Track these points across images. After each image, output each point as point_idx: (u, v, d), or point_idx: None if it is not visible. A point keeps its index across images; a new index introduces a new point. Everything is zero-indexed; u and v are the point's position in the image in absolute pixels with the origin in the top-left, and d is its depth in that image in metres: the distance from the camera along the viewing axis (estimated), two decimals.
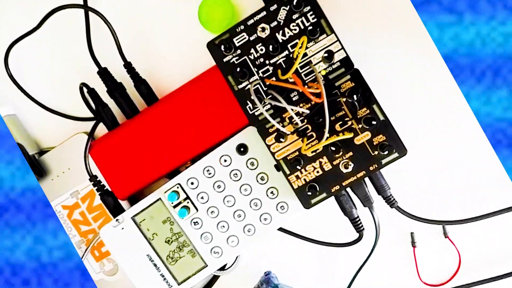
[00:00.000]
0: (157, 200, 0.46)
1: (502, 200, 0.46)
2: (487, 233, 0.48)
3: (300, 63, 0.41)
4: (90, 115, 0.49)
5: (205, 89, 0.45)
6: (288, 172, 0.42)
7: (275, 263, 0.50)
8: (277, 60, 0.41)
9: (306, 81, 0.41)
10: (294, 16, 0.40)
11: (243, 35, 0.41)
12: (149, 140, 0.46)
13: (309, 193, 0.42)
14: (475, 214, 0.45)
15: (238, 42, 0.41)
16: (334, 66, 0.41)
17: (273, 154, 0.42)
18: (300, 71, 0.41)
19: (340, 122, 0.41)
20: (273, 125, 0.42)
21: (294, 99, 0.41)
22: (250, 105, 0.42)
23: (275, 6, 0.40)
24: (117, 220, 0.46)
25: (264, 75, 0.41)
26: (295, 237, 0.49)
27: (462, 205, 0.47)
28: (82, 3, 0.47)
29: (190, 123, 0.45)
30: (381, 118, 0.41)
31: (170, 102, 0.46)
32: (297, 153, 0.42)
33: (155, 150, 0.46)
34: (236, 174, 0.45)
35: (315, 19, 0.40)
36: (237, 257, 0.48)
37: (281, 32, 0.41)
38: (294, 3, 0.39)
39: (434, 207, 0.47)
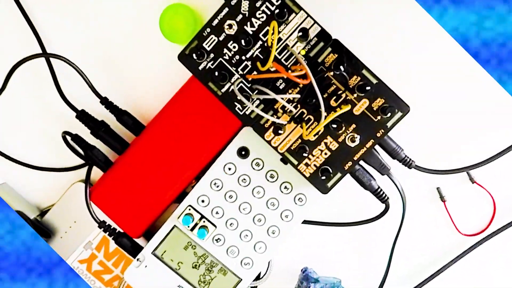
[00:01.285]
0: (173, 228, 0.45)
1: None
2: None
3: (276, 49, 0.40)
4: (81, 161, 0.49)
5: (189, 102, 0.45)
6: (296, 162, 0.42)
7: (309, 257, 0.50)
8: (253, 53, 0.41)
9: (288, 66, 0.41)
10: (258, 4, 0.40)
11: (212, 38, 0.41)
12: (147, 170, 0.45)
13: (323, 178, 0.41)
14: (495, 152, 0.45)
15: (208, 46, 0.41)
16: (312, 43, 0.40)
17: (275, 148, 0.42)
18: (279, 57, 0.41)
19: (334, 97, 0.41)
20: (268, 119, 0.41)
21: (281, 87, 0.41)
22: (238, 106, 0.41)
23: (235, 1, 0.40)
24: (138, 259, 0.45)
25: (245, 72, 0.41)
26: (322, 226, 0.48)
27: (479, 146, 0.47)
28: (40, 51, 0.47)
29: (184, 141, 0.45)
30: (374, 81, 0.40)
31: (158, 125, 0.45)
32: (299, 140, 0.42)
33: (156, 178, 0.45)
34: (244, 179, 0.45)
35: (280, 1, 0.40)
36: (269, 262, 0.48)
37: (249, 23, 0.40)
38: None
39: (453, 156, 0.47)
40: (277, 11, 0.40)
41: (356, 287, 0.50)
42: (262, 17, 0.40)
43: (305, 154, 0.41)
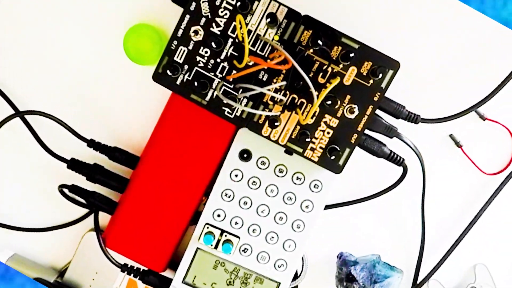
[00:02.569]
0: (196, 251, 0.45)
1: None
2: None
3: (249, 42, 0.40)
4: (85, 210, 0.48)
5: (177, 120, 0.44)
6: (301, 150, 0.42)
7: (341, 241, 0.50)
8: (227, 53, 0.41)
9: (266, 55, 0.40)
10: (217, 2, 0.40)
11: (181, 49, 0.41)
12: (154, 200, 0.45)
13: (333, 157, 0.41)
14: (497, 83, 0.45)
15: (180, 59, 0.41)
16: (283, 26, 0.40)
17: (276, 142, 0.41)
18: (254, 49, 0.40)
19: (321, 74, 0.40)
20: (260, 115, 0.41)
21: (264, 79, 0.41)
22: (227, 110, 0.41)
23: (194, 4, 0.40)
24: None
25: (224, 74, 0.41)
26: (345, 206, 0.48)
27: (480, 82, 0.46)
28: (13, 112, 0.46)
29: (182, 161, 0.45)
30: (356, 46, 0.40)
31: (152, 152, 0.45)
32: (298, 127, 0.41)
33: (165, 206, 0.45)
34: (254, 182, 0.44)
35: (246, 1, 0.40)
36: (302, 258, 0.48)
37: (214, 24, 0.40)
38: None
39: (456, 99, 0.47)
40: (238, 3, 0.39)
41: (396, 257, 0.50)
42: (226, 14, 0.40)
43: (308, 139, 0.41)
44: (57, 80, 0.47)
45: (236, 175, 0.44)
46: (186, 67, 0.41)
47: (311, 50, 0.40)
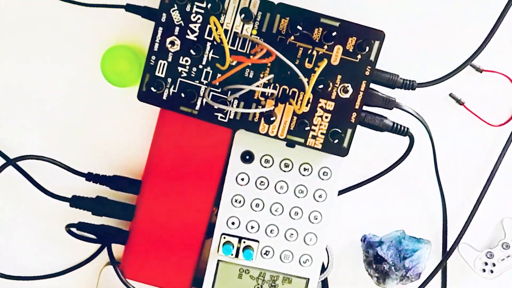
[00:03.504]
0: (218, 263, 0.45)
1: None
2: None
3: (228, 42, 0.40)
4: (98, 245, 0.48)
5: (172, 136, 0.44)
6: (302, 140, 0.41)
7: (362, 224, 0.49)
8: (208, 57, 0.40)
9: (248, 52, 0.40)
10: (187, 8, 0.40)
11: (161, 63, 0.40)
12: (165, 221, 0.45)
13: (336, 141, 0.41)
14: (486, 32, 0.45)
15: (162, 73, 0.40)
16: (258, 18, 0.40)
17: (276, 137, 0.41)
18: (234, 48, 0.40)
19: (307, 59, 0.40)
20: (254, 113, 0.41)
21: (251, 76, 0.40)
22: (219, 115, 0.41)
23: (164, 15, 0.40)
24: None
25: (209, 79, 0.41)
26: (359, 187, 0.48)
27: (470, 34, 0.46)
28: (4, 161, 0.46)
29: (185, 176, 0.44)
30: (336, 24, 0.40)
31: (153, 173, 0.45)
32: (295, 117, 0.41)
33: (177, 224, 0.45)
34: (262, 182, 0.44)
35: (217, 2, 0.39)
36: (326, 249, 0.47)
37: (189, 31, 0.40)
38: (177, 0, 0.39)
39: (449, 56, 0.46)
40: (209, 5, 0.39)
41: (420, 229, 0.50)
42: (198, 18, 0.40)
43: (307, 128, 0.41)
44: (41, 119, 0.47)
45: (242, 179, 0.44)
46: (169, 80, 0.41)
47: (292, 38, 0.40)
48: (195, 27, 0.40)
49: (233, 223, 0.45)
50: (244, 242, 0.45)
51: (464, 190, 0.49)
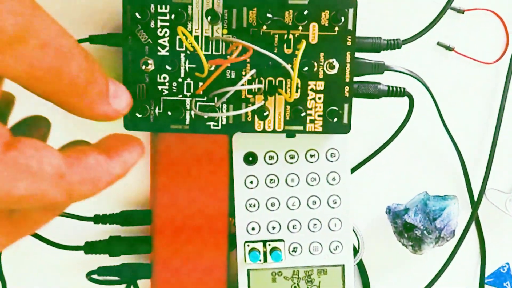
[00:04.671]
0: (248, 273, 0.45)
1: None
2: None
3: (201, 48, 0.40)
4: (123, 286, 0.48)
5: (169, 157, 0.44)
6: (301, 127, 0.41)
7: (383, 196, 0.49)
8: (185, 68, 0.40)
9: (224, 53, 0.40)
10: (152, 25, 0.39)
11: (139, 86, 0.40)
12: (183, 244, 0.45)
13: (335, 119, 0.41)
14: None
15: (143, 96, 0.40)
16: (226, 17, 0.39)
17: (273, 131, 0.41)
18: (210, 53, 0.40)
19: (285, 45, 0.40)
20: (246, 113, 0.41)
21: (233, 76, 0.40)
22: (211, 123, 0.41)
23: (130, 38, 0.39)
24: None
25: (192, 90, 0.40)
26: (370, 160, 0.48)
27: None
28: None
29: (192, 194, 0.44)
30: (305, 2, 0.39)
31: (160, 199, 0.45)
32: (288, 106, 0.41)
33: (196, 245, 0.45)
34: (271, 180, 0.44)
35: (167, 6, 0.39)
36: (353, 231, 0.47)
37: (159, 47, 0.40)
38: (139, 16, 0.39)
39: (427, 6, 0.46)
40: (173, 16, 0.39)
41: (443, 186, 0.50)
42: (166, 32, 0.39)
43: (303, 114, 0.41)
44: None
45: (251, 182, 0.44)
46: (152, 102, 0.40)
47: (265, 27, 0.40)
48: (165, 41, 0.40)
49: (253, 229, 0.44)
50: (269, 244, 0.44)
51: (476, 135, 0.49)
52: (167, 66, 0.39)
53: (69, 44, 0.26)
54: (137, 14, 0.39)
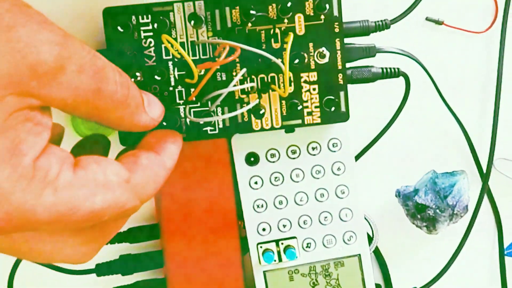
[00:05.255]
0: (265, 275, 0.45)
1: None
2: None
3: (189, 54, 0.39)
4: None
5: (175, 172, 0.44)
6: (299, 121, 0.41)
7: (390, 179, 0.49)
8: (175, 76, 0.40)
9: (212, 56, 0.40)
10: (135, 36, 0.39)
11: None
12: (196, 254, 0.45)
13: (333, 109, 0.40)
14: None
15: None
16: (209, 19, 0.39)
17: (272, 128, 0.41)
18: (197, 58, 0.40)
19: (272, 39, 0.40)
20: (242, 113, 0.40)
21: (224, 78, 0.40)
22: (208, 128, 0.41)
23: (114, 53, 0.39)
24: None
25: (184, 98, 0.40)
26: (373, 144, 0.48)
27: None
28: None
29: (198, 202, 0.44)
30: None
31: (166, 212, 0.44)
32: (283, 101, 0.41)
33: (209, 254, 0.45)
34: (276, 178, 0.44)
35: (149, 16, 0.39)
36: (365, 218, 0.47)
37: (146, 58, 0.39)
38: (121, 30, 0.38)
39: None
40: (155, 25, 0.39)
41: (450, 161, 0.49)
42: (150, 42, 0.39)
43: (299, 107, 0.40)
44: None
45: (256, 182, 0.44)
46: None
47: (250, 24, 0.40)
48: (150, 52, 0.39)
49: (264, 229, 0.44)
50: (282, 243, 0.44)
51: (477, 106, 0.49)
52: (156, 77, 0.39)
53: (102, 63, 0.28)
54: (119, 28, 0.38)
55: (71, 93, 0.26)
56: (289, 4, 0.39)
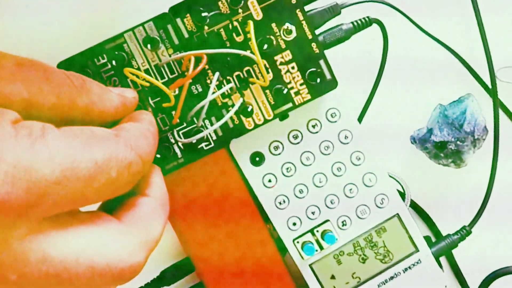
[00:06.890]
0: (312, 268, 0.44)
1: None
2: None
3: (157, 78, 0.39)
4: None
5: (179, 197, 0.43)
6: (290, 104, 0.40)
7: (401, 128, 0.49)
8: (151, 105, 0.39)
9: (181, 71, 0.39)
10: (98, 79, 0.39)
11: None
12: (236, 275, 0.44)
13: (318, 80, 0.40)
14: None
15: None
16: (164, 37, 0.39)
17: (265, 122, 0.40)
18: (167, 79, 0.39)
19: (234, 34, 0.39)
20: (231, 117, 0.40)
21: (200, 90, 0.40)
22: (203, 144, 0.40)
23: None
24: None
25: (169, 123, 0.40)
26: (371, 101, 0.48)
27: None
28: None
29: (221, 221, 0.44)
30: None
31: (194, 244, 0.44)
32: (267, 90, 0.40)
33: (251, 268, 0.44)
34: (288, 168, 0.43)
35: (105, 57, 0.38)
36: (390, 176, 0.46)
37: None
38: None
39: None
40: (113, 62, 0.38)
41: (452, 89, 0.49)
42: (115, 81, 0.39)
43: (285, 91, 0.40)
44: None
45: (269, 180, 0.43)
46: None
47: (206, 27, 0.39)
48: (117, 89, 0.39)
49: (294, 224, 0.44)
50: (317, 231, 0.44)
51: (459, 25, 0.49)
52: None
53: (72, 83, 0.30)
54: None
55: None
56: None
